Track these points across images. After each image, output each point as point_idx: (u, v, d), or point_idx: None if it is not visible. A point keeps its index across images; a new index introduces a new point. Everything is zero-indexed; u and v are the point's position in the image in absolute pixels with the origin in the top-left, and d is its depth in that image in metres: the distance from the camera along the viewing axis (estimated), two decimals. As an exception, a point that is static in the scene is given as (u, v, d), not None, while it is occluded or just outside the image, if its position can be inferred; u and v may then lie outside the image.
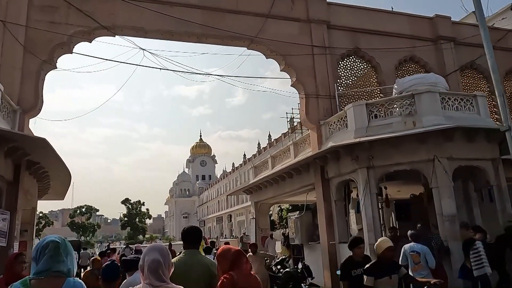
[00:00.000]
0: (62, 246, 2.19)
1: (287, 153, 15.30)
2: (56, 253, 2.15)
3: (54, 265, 2.12)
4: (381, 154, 9.82)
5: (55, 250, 2.15)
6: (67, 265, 2.17)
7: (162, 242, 49.63)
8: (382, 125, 10.01)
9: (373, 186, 9.91)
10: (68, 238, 22.28)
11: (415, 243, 7.44)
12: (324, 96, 12.34)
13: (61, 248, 2.18)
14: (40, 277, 2.11)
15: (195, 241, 3.39)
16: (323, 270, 11.52)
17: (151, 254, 2.30)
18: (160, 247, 2.43)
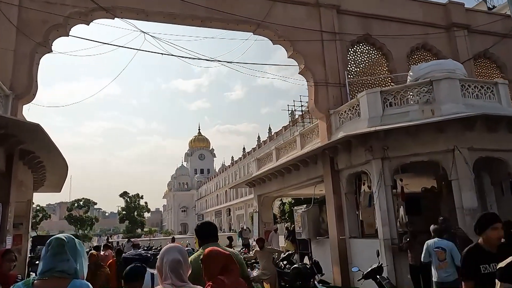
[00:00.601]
0: (68, 245, 2.04)
1: (293, 145, 14.73)
2: (59, 251, 2.00)
3: (57, 264, 1.98)
4: (397, 144, 9.28)
5: (58, 248, 2.01)
6: (73, 265, 2.01)
7: (162, 236, 49.30)
8: (398, 114, 9.45)
9: (388, 178, 9.37)
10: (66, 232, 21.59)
11: (439, 238, 6.89)
12: (334, 84, 11.76)
13: (67, 246, 2.03)
14: (43, 277, 1.97)
15: (214, 234, 3.31)
16: (332, 266, 11.01)
17: (171, 254, 2.21)
18: (178, 247, 2.32)
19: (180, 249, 2.30)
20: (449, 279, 6.60)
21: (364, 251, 10.14)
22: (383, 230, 9.13)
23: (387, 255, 8.98)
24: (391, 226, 9.14)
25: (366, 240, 10.33)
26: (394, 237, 9.07)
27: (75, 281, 1.99)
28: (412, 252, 8.21)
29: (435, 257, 6.81)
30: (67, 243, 2.05)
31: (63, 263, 1.99)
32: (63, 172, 12.86)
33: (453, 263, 6.65)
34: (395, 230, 9.16)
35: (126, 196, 59.00)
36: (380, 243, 9.18)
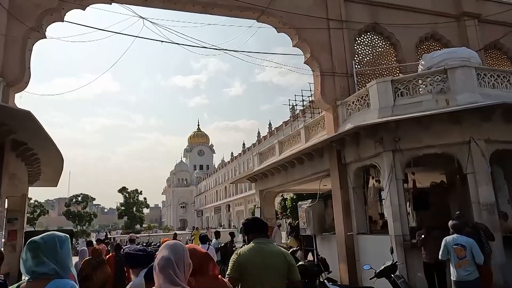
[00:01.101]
0: (45, 246, 1.96)
1: (296, 138, 14.26)
2: (34, 255, 1.94)
3: (37, 267, 1.92)
4: (409, 136, 8.82)
5: (33, 251, 1.95)
6: (50, 266, 1.93)
7: (161, 232, 48.85)
8: (410, 104, 8.98)
9: (399, 172, 8.92)
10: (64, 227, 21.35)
11: (458, 234, 6.43)
12: (341, 74, 11.28)
13: (41, 249, 1.95)
14: (29, 280, 1.96)
15: (265, 229, 3.29)
16: (339, 263, 10.59)
17: (162, 252, 2.00)
18: (173, 244, 2.06)
19: (175, 246, 2.02)
20: (469, 278, 6.16)
21: (372, 248, 9.71)
22: (394, 226, 8.69)
23: (398, 252, 8.53)
24: (403, 221, 8.69)
25: (375, 236, 9.90)
26: (406, 233, 8.63)
27: (56, 281, 1.92)
28: (426, 249, 7.78)
29: (454, 255, 6.36)
30: (43, 244, 1.96)
31: (39, 266, 1.92)
32: (59, 165, 12.39)
33: (473, 261, 6.21)
34: (407, 226, 8.71)
35: (124, 192, 58.41)
36: (391, 240, 8.74)
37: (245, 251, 3.09)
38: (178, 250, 2.00)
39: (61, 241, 2.01)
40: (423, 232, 7.91)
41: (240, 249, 3.21)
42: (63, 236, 2.07)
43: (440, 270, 7.64)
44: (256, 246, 3.09)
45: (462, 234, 6.46)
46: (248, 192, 52.75)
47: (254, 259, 2.96)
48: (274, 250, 3.12)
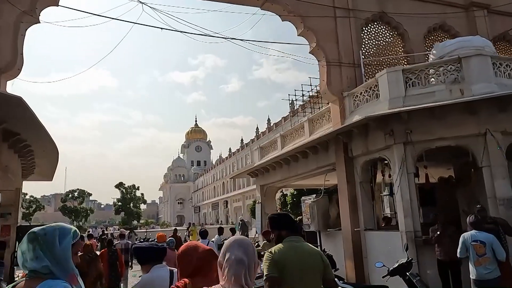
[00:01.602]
0: (44, 239, 1.70)
1: (300, 131, 13.85)
2: (28, 247, 1.69)
3: (31, 262, 1.68)
4: (421, 127, 8.43)
5: (27, 244, 1.70)
6: (43, 263, 1.66)
7: (159, 228, 48.40)
8: (422, 94, 8.58)
9: (411, 165, 8.54)
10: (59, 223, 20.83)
11: (476, 231, 6.05)
12: (348, 64, 10.86)
13: (38, 241, 1.69)
14: (26, 278, 1.71)
15: (296, 227, 3.25)
16: (345, 260, 10.21)
17: (231, 250, 1.81)
18: (245, 242, 1.88)
19: (247, 245, 1.86)
20: (490, 277, 5.79)
21: (381, 245, 9.35)
22: (405, 222, 8.31)
23: (409, 248, 8.15)
24: (414, 217, 8.32)
25: (384, 232, 9.53)
26: (417, 229, 8.25)
27: (48, 282, 1.66)
28: (441, 246, 7.40)
29: (473, 252, 5.98)
30: (42, 236, 1.72)
31: (32, 261, 1.68)
32: (53, 158, 11.92)
33: (494, 259, 5.84)
34: (419, 222, 8.33)
35: (121, 187, 57.87)
36: (401, 236, 8.37)
37: (280, 249, 2.91)
38: (249, 250, 1.85)
39: (62, 234, 1.76)
40: (438, 228, 7.52)
41: (273, 248, 3.01)
42: (68, 228, 1.81)
43: (455, 268, 7.28)
44: (291, 245, 2.93)
45: (482, 229, 6.09)
46: (246, 188, 52.39)
47: (292, 257, 2.80)
48: (310, 249, 3.00)
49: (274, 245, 8.42)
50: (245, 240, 1.91)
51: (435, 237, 7.43)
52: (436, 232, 7.54)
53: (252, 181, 49.69)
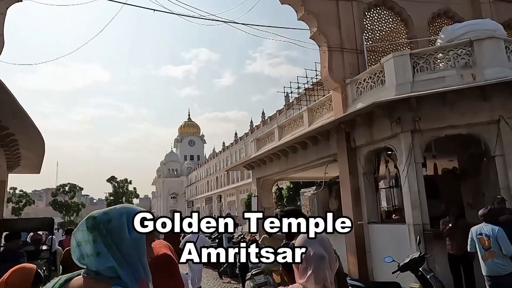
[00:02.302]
0: (103, 227, 1.18)
1: (299, 121, 13.34)
2: (84, 238, 1.19)
3: (88, 261, 1.17)
4: (430, 115, 7.96)
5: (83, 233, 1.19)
6: (105, 262, 1.15)
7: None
8: (432, 80, 8.10)
9: (419, 155, 8.08)
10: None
11: (486, 223, 5.60)
12: (350, 50, 10.35)
13: (100, 230, 1.18)
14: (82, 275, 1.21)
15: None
16: (347, 255, 9.77)
17: (311, 246, 1.60)
18: (323, 238, 1.66)
19: (325, 241, 1.70)
20: (501, 272, 5.34)
21: (385, 239, 8.91)
22: (413, 214, 7.87)
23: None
24: (423, 209, 7.88)
25: (389, 226, 9.09)
26: (426, 222, 7.82)
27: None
28: (452, 239, 6.96)
29: (480, 246, 5.56)
30: (104, 223, 1.20)
31: (92, 259, 1.18)
32: (40, 149, 11.30)
33: (502, 252, 5.37)
34: (427, 214, 7.89)
35: (114, 181, 56.99)
36: (409, 229, 7.93)
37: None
38: (328, 246, 1.71)
39: (131, 221, 1.23)
40: (450, 220, 7.08)
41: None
42: (138, 210, 1.29)
43: (467, 263, 6.85)
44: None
45: (495, 222, 5.63)
46: (240, 182, 51.91)
47: None
48: None
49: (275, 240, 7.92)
50: (323, 236, 1.71)
51: (447, 230, 6.99)
52: (447, 225, 7.09)
53: (246, 175, 49.19)
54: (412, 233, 7.80)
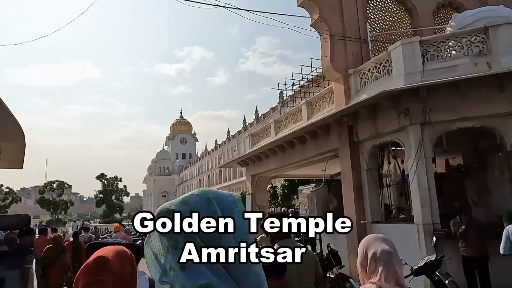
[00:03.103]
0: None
1: (296, 116, 12.72)
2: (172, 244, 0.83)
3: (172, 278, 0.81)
4: (441, 106, 7.41)
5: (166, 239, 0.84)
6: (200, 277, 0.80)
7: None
8: (443, 69, 7.54)
9: (429, 149, 7.52)
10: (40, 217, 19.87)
11: None
12: (353, 38, 9.76)
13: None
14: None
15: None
16: (349, 256, 9.18)
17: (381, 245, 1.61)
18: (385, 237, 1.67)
19: (388, 239, 1.68)
20: None
21: (390, 239, 8.33)
22: (422, 213, 7.30)
23: (427, 244, 7.17)
24: (433, 207, 7.31)
25: (395, 225, 8.51)
26: (436, 221, 7.25)
27: None
28: (466, 241, 6.41)
29: None
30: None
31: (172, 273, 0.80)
32: (20, 141, 10.50)
33: None
34: (438, 213, 7.33)
35: (103, 179, 55.75)
36: (417, 229, 7.36)
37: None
38: (391, 243, 1.69)
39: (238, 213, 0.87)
40: (463, 221, 6.51)
41: None
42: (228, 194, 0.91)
43: (483, 266, 6.31)
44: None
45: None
46: (232, 181, 51.25)
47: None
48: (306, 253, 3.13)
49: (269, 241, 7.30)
50: (383, 236, 1.69)
51: (461, 232, 6.43)
52: (460, 226, 6.54)
53: (238, 174, 48.48)
54: (422, 233, 7.25)
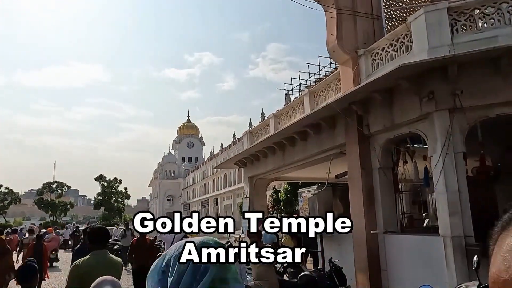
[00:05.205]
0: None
1: (298, 109, 11.21)
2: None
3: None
4: (477, 86, 5.86)
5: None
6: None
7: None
8: (478, 41, 5.99)
9: (459, 141, 5.97)
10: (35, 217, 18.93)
11: None
12: (364, 14, 8.27)
13: None
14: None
15: (103, 241, 3.40)
16: (356, 273, 7.62)
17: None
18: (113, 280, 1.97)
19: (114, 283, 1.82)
20: None
21: (408, 254, 6.76)
22: (451, 223, 5.74)
23: (456, 262, 5.60)
24: (465, 216, 5.74)
25: (414, 237, 6.93)
26: (469, 233, 5.68)
27: None
28: None
29: None
30: None
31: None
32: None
33: None
34: (471, 223, 5.75)
35: (102, 180, 54.26)
36: (444, 243, 5.79)
37: (85, 262, 3.15)
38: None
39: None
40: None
41: (79, 261, 3.20)
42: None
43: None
44: (91, 258, 3.16)
45: None
46: (237, 185, 49.72)
47: (96, 270, 2.86)
48: (111, 262, 3.25)
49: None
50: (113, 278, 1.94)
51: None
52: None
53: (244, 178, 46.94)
54: (450, 248, 5.68)
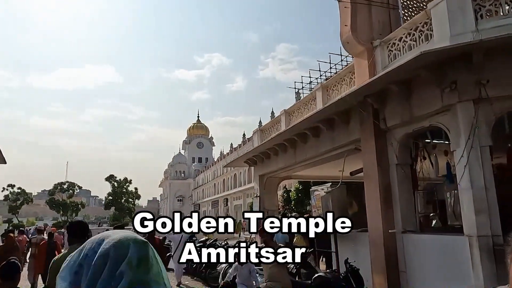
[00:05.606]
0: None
1: (310, 104, 10.86)
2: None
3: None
4: (502, 76, 5.47)
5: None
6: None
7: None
8: (504, 27, 5.59)
9: (485, 134, 5.59)
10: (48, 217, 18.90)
11: None
12: (380, 3, 7.91)
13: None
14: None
15: (83, 234, 3.32)
16: (372, 275, 7.26)
17: None
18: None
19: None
20: None
21: (428, 255, 6.38)
22: (477, 221, 5.35)
23: (483, 263, 5.22)
24: (492, 214, 5.36)
25: (435, 236, 6.54)
26: (497, 233, 5.29)
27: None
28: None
29: None
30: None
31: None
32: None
33: None
34: (499, 222, 5.36)
35: (112, 180, 54.47)
36: (470, 243, 5.41)
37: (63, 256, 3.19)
38: None
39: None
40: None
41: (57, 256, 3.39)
42: None
43: None
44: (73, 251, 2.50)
45: None
46: (247, 185, 49.47)
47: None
48: None
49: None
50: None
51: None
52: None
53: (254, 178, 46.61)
54: (476, 249, 5.29)
